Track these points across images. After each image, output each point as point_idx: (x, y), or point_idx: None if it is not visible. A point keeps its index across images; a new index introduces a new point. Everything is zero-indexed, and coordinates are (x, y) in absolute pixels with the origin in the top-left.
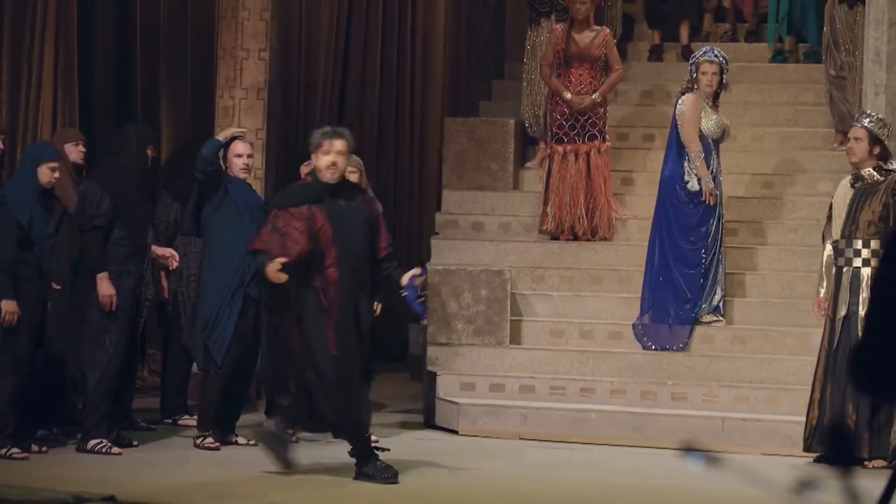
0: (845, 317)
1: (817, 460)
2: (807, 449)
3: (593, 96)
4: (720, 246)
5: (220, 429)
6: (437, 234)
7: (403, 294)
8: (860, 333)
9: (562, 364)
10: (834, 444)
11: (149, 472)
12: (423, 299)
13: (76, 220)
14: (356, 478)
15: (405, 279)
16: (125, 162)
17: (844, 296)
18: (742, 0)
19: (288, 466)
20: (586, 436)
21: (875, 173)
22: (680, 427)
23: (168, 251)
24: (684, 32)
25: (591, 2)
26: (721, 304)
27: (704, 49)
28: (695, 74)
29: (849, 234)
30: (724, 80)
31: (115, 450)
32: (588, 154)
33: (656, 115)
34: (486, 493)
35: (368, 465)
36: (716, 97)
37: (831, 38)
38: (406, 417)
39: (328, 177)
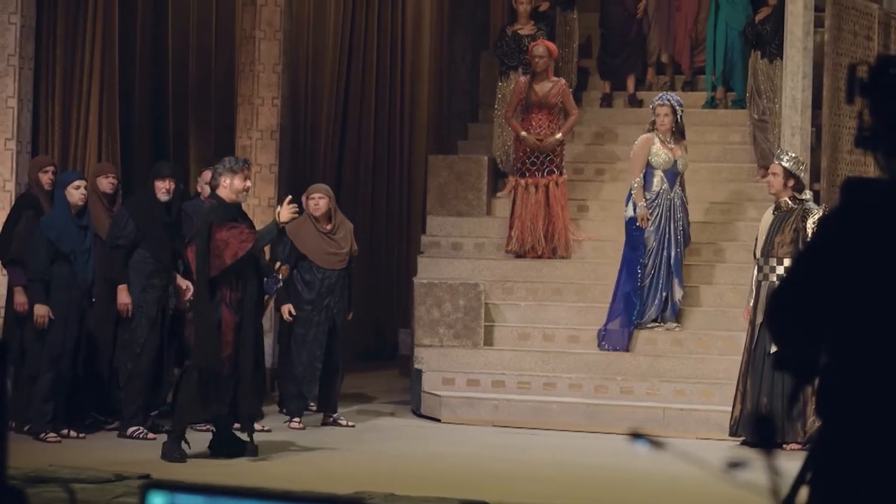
0: (762, 324)
1: (744, 444)
2: (732, 434)
3: (557, 136)
4: (669, 263)
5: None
6: (422, 253)
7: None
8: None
9: (528, 363)
10: (758, 431)
11: None
12: (279, 284)
13: (107, 239)
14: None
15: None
16: (149, 194)
17: (762, 306)
18: (680, 55)
19: None
20: (548, 423)
21: (790, 202)
22: (628, 416)
23: (186, 284)
24: (630, 83)
25: (549, 56)
26: (667, 312)
27: (660, 94)
28: (653, 117)
29: (766, 253)
30: (679, 120)
31: (150, 435)
32: (547, 186)
33: (606, 153)
34: (464, 470)
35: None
36: (675, 134)
37: (754, 87)
38: (396, 408)
39: (241, 199)
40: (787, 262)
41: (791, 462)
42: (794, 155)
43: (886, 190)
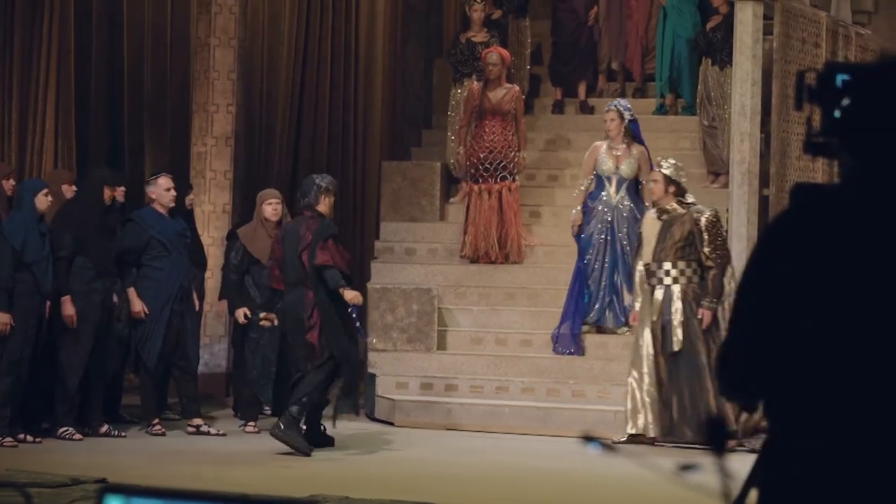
0: (662, 326)
1: (685, 444)
2: (664, 440)
3: (522, 154)
4: (613, 266)
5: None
6: (376, 258)
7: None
8: (675, 340)
9: (480, 367)
10: (709, 432)
11: (134, 458)
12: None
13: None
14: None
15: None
16: (88, 200)
17: (659, 309)
18: (631, 62)
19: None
20: (501, 426)
21: (678, 207)
22: (579, 419)
23: (139, 308)
24: (582, 90)
25: (502, 64)
26: (606, 317)
27: (609, 101)
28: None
29: (659, 257)
30: (629, 125)
31: (77, 436)
32: (500, 192)
33: (558, 159)
34: (418, 473)
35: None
36: (627, 139)
37: (705, 93)
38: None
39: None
40: (681, 264)
41: (742, 464)
42: (673, 162)
43: (835, 194)
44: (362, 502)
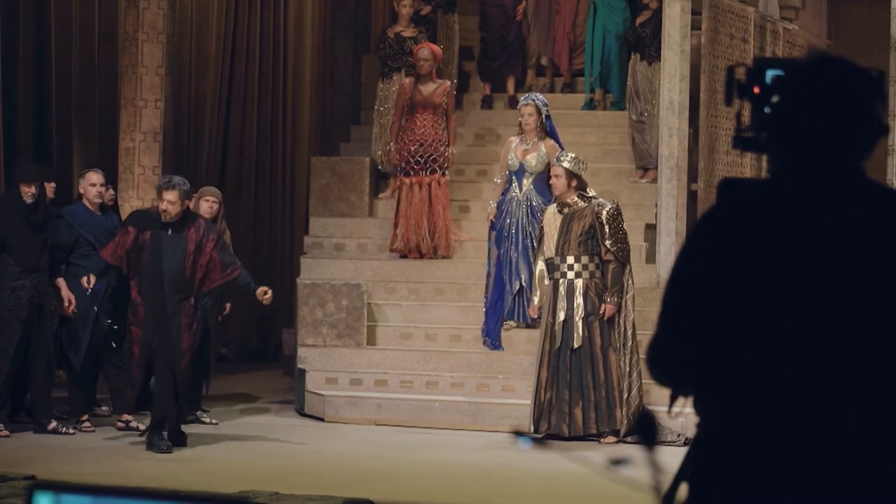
0: (564, 321)
1: (546, 437)
2: (535, 429)
3: (451, 149)
4: (524, 260)
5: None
6: (305, 253)
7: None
8: (575, 336)
9: (410, 362)
10: (639, 428)
11: (63, 455)
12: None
13: None
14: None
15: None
16: (7, 199)
17: (562, 304)
18: (559, 58)
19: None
20: (431, 422)
21: (579, 201)
22: (510, 414)
23: (68, 298)
24: (510, 85)
25: (434, 59)
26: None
27: (525, 95)
28: (520, 118)
29: (562, 252)
30: (543, 119)
31: (4, 432)
32: (430, 185)
33: (487, 154)
34: (348, 469)
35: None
36: (540, 133)
37: (633, 88)
38: (280, 407)
39: (164, 217)
40: (584, 259)
41: (672, 458)
42: (573, 155)
43: (763, 189)
44: (292, 498)
